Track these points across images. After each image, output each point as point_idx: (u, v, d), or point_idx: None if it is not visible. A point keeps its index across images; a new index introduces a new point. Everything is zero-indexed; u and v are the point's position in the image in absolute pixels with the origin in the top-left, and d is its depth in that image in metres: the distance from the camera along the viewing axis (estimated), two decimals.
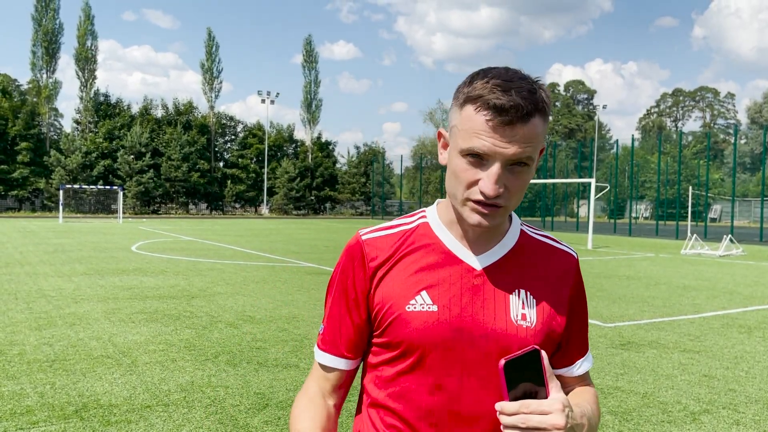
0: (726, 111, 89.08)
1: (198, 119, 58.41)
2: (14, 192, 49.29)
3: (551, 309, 1.17)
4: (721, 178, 60.67)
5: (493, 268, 1.15)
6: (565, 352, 1.23)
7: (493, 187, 1.04)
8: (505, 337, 1.11)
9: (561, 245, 1.26)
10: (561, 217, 58.36)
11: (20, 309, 8.10)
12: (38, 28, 51.90)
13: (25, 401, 4.55)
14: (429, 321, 1.11)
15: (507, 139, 1.02)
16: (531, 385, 0.96)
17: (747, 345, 6.87)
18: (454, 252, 1.16)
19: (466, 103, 1.06)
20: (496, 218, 1.08)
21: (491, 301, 1.13)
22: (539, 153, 1.14)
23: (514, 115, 1.01)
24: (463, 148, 1.06)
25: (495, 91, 1.01)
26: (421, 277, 1.14)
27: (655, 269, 14.91)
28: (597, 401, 1.23)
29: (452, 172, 1.10)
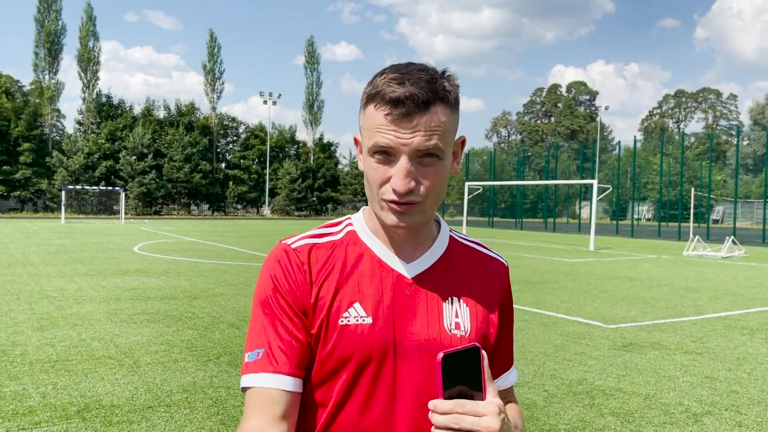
0: (728, 112, 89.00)
1: (200, 120, 58.47)
2: (17, 193, 49.36)
3: (484, 317, 1.15)
4: (724, 180, 60.60)
5: (425, 276, 1.12)
6: (491, 364, 1.16)
7: (403, 182, 1.01)
8: (439, 347, 1.06)
9: (491, 253, 1.23)
10: (563, 218, 58.32)
11: (22, 309, 8.11)
12: (41, 29, 52.01)
13: (28, 401, 4.55)
14: (363, 334, 1.06)
15: (408, 130, 1.00)
16: (467, 389, 0.92)
17: (749, 347, 6.85)
18: (384, 261, 1.12)
19: (367, 103, 1.05)
20: (414, 217, 1.05)
21: (424, 310, 1.10)
22: (460, 146, 1.12)
23: (411, 105, 0.99)
24: (369, 147, 1.04)
25: (391, 85, 1.01)
26: (352, 289, 1.09)
27: (657, 271, 14.89)
28: (522, 418, 1.21)
29: (366, 176, 1.07)
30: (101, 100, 55.17)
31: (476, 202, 58.48)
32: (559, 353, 6.36)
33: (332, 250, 1.13)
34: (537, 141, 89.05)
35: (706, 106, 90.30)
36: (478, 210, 62.12)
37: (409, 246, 1.13)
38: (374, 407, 1.07)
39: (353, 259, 1.12)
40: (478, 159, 73.05)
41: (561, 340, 6.99)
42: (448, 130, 1.04)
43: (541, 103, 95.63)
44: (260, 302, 1.10)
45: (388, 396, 1.07)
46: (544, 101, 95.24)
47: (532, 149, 77.27)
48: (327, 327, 1.07)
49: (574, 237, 31.75)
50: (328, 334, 1.07)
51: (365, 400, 1.07)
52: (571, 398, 4.92)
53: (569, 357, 6.21)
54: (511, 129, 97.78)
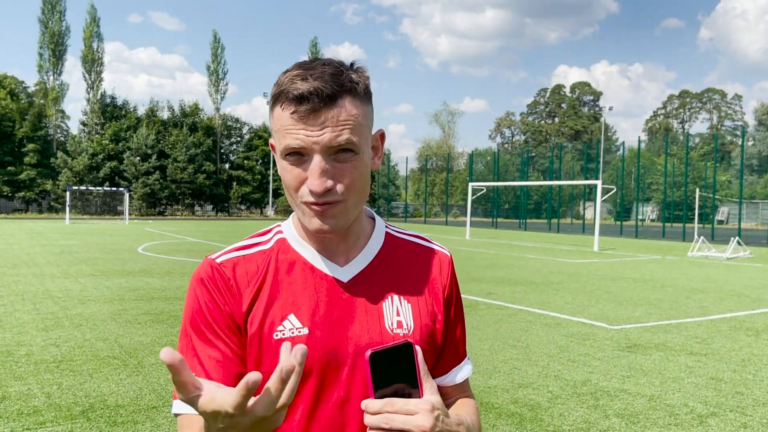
0: (733, 113, 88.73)
1: (204, 121, 58.58)
2: (21, 193, 49.53)
3: (428, 312, 1.10)
4: (729, 180, 60.41)
5: (361, 277, 1.07)
6: (440, 358, 1.14)
7: (318, 181, 0.96)
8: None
9: (432, 244, 1.19)
10: (567, 219, 58.24)
11: (27, 310, 8.13)
12: (45, 31, 52.20)
13: (32, 402, 4.57)
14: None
15: (317, 127, 0.95)
16: (405, 386, 0.88)
17: (755, 348, 6.83)
18: (317, 267, 1.07)
19: (274, 104, 1.01)
20: (337, 218, 1.00)
21: (363, 313, 1.05)
22: (380, 140, 1.08)
23: (316, 100, 0.95)
24: (281, 150, 0.99)
25: (294, 82, 0.96)
26: (286, 300, 1.04)
27: (661, 271, 14.85)
28: (478, 414, 1.15)
29: (282, 180, 1.02)
30: (105, 101, 55.34)
31: (480, 203, 58.45)
32: (563, 354, 6.35)
33: (261, 260, 1.08)
34: (541, 141, 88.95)
35: (711, 106, 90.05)
36: (481, 211, 62.08)
37: (342, 248, 1.08)
38: (321, 418, 1.02)
39: (285, 268, 1.07)
40: (482, 159, 73.02)
41: (565, 341, 6.97)
42: (360, 123, 0.99)
43: (545, 104, 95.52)
44: (186, 324, 1.05)
45: (334, 406, 1.02)
46: (547, 102, 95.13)
47: (535, 150, 77.19)
48: (261, 343, 1.02)
49: (578, 238, 31.69)
50: (263, 350, 1.02)
51: (310, 413, 1.02)
52: (576, 399, 4.91)
53: (573, 358, 6.20)
54: (514, 129, 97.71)
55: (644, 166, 53.61)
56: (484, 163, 72.29)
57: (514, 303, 9.54)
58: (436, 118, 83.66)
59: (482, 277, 12.63)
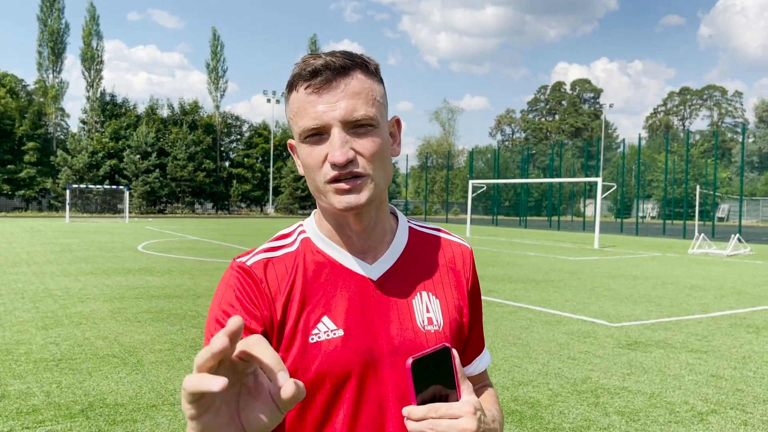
0: (734, 109, 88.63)
1: (203, 119, 58.54)
2: (21, 192, 49.52)
3: (455, 306, 1.11)
4: (729, 177, 60.37)
5: (390, 274, 1.07)
6: (464, 349, 1.16)
7: (340, 151, 0.94)
8: (416, 347, 1.03)
9: (453, 237, 1.19)
10: (567, 216, 58.23)
11: (27, 308, 8.13)
12: (44, 29, 52.13)
13: (32, 400, 4.56)
14: (338, 348, 1.00)
15: (332, 99, 0.96)
16: (441, 388, 0.90)
17: (755, 345, 6.82)
18: (345, 265, 1.05)
19: (289, 92, 1.01)
20: (363, 191, 0.97)
21: (395, 311, 1.05)
22: (396, 126, 1.08)
23: (330, 73, 0.96)
24: (300, 134, 0.99)
25: (307, 62, 0.99)
26: (318, 302, 1.02)
27: (662, 269, 14.84)
28: (498, 402, 1.17)
29: (304, 166, 1.01)
30: (105, 99, 55.29)
31: (480, 201, 58.44)
32: (563, 352, 6.34)
33: (289, 262, 1.05)
34: (541, 139, 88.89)
35: (711, 103, 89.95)
36: (482, 208, 62.06)
37: (369, 245, 1.07)
38: (362, 420, 1.02)
39: (313, 270, 1.05)
40: (482, 157, 72.96)
41: (565, 338, 6.96)
42: (375, 98, 0.99)
43: (545, 101, 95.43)
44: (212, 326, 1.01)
45: (374, 406, 1.02)
46: (548, 99, 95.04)
47: (536, 147, 77.11)
48: (297, 347, 1.01)
49: (579, 235, 31.68)
50: (299, 354, 1.01)
51: (351, 415, 1.02)
52: (576, 397, 4.90)
53: (574, 355, 6.19)
54: (515, 127, 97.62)
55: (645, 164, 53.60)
56: (485, 160, 72.26)
57: (515, 300, 9.53)
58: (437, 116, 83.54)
59: (482, 274, 12.61)
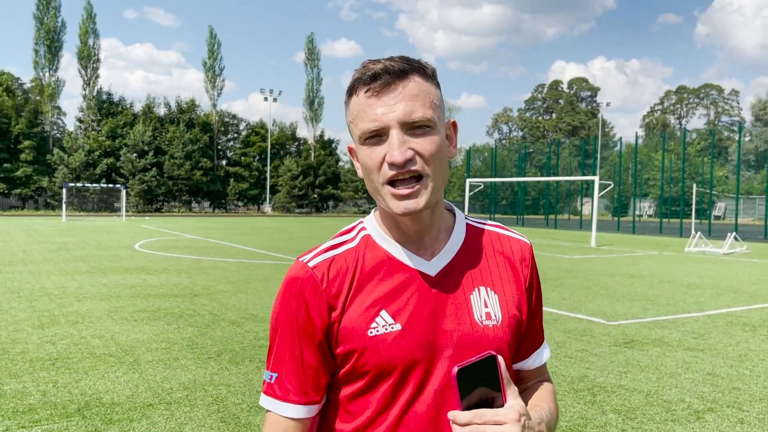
0: (730, 108, 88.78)
1: (200, 117, 58.43)
2: (17, 190, 49.38)
3: (513, 301, 1.12)
4: (726, 176, 60.50)
5: (448, 270, 1.09)
6: (521, 343, 1.17)
7: (399, 151, 0.98)
8: (474, 342, 1.05)
9: (512, 233, 1.21)
10: (564, 215, 58.30)
11: (23, 307, 8.11)
12: (40, 27, 51.95)
13: (28, 399, 4.55)
14: (395, 342, 1.03)
15: (391, 101, 1.00)
16: (487, 390, 0.91)
17: (751, 343, 6.84)
18: (404, 261, 1.08)
19: (349, 97, 1.05)
20: (421, 196, 1.01)
21: (452, 306, 1.07)
22: (452, 129, 1.11)
23: (389, 76, 1.00)
24: (359, 136, 1.02)
25: (366, 67, 1.03)
26: (377, 297, 1.06)
27: (658, 267, 14.87)
28: (554, 398, 1.18)
29: (363, 168, 1.05)
30: (102, 98, 55.15)
31: (477, 199, 58.47)
32: (560, 350, 6.35)
33: (351, 258, 1.09)
34: (538, 137, 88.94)
35: (708, 102, 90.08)
36: (479, 207, 62.09)
37: (427, 242, 1.10)
38: (418, 412, 1.05)
39: (373, 265, 1.08)
40: (480, 155, 72.95)
41: (562, 336, 6.97)
42: (432, 100, 1.03)
43: (543, 100, 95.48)
44: (277, 326, 1.10)
45: (431, 399, 1.04)
46: (545, 97, 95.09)
47: (533, 146, 77.14)
48: (356, 340, 1.05)
49: (576, 233, 31.72)
50: (358, 347, 1.04)
51: (407, 406, 1.05)
52: (573, 395, 4.91)
53: (571, 354, 6.20)
54: (512, 125, 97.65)
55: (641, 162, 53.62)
56: (482, 159, 72.27)
57: None
58: None
59: None
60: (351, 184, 63.28)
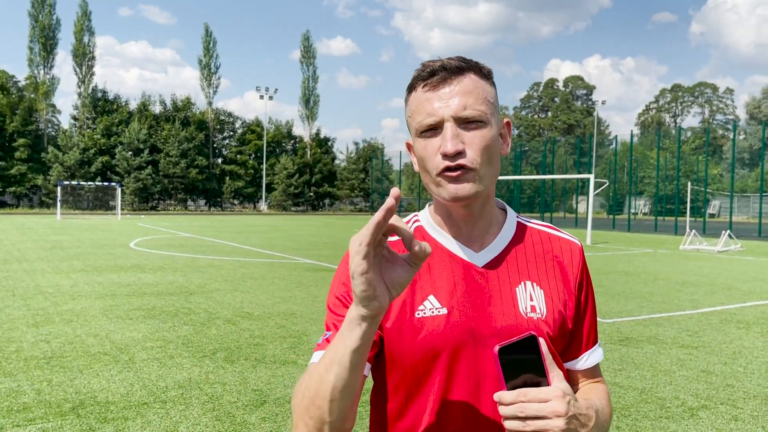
0: (725, 107, 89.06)
1: (196, 115, 58.30)
2: (12, 189, 49.21)
3: (559, 298, 1.14)
4: (720, 174, 60.71)
5: (495, 262, 1.13)
6: (570, 343, 1.19)
7: (451, 142, 1.03)
8: (518, 332, 1.07)
9: (563, 234, 1.23)
10: (560, 213, 58.40)
11: (17, 306, 8.08)
12: (35, 24, 51.75)
13: (22, 398, 4.53)
14: (441, 325, 1.07)
15: (447, 96, 1.05)
16: (532, 376, 0.93)
17: (745, 340, 6.87)
18: (453, 252, 1.13)
19: (409, 93, 1.11)
20: (469, 184, 1.05)
21: (498, 297, 1.10)
22: (507, 128, 1.16)
23: (446, 72, 1.06)
24: (416, 129, 1.08)
25: (426, 65, 1.09)
26: (426, 282, 1.11)
27: (653, 265, 14.92)
28: (608, 398, 1.18)
29: (419, 159, 1.10)
30: (97, 96, 54.97)
31: None
32: None
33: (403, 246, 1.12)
34: (534, 136, 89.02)
35: (703, 100, 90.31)
36: None
37: (477, 234, 1.14)
38: (456, 396, 1.08)
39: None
40: None
41: None
42: (487, 98, 1.08)
43: (538, 98, 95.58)
44: (332, 295, 1.14)
45: (470, 385, 1.08)
46: (541, 96, 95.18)
47: (529, 144, 77.25)
48: (404, 320, 1.09)
49: (571, 231, 31.67)
50: (405, 327, 1.08)
51: (445, 389, 1.08)
52: None
53: None
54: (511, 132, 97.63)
55: (637, 160, 53.79)
56: None
57: None
58: None
59: None
60: (347, 182, 63.25)
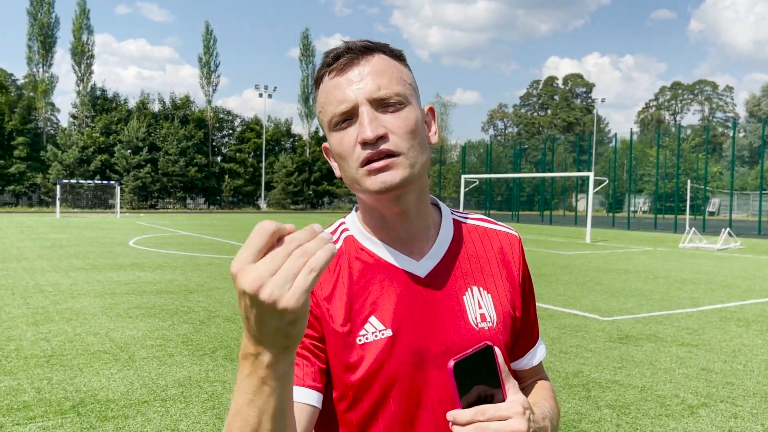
0: (725, 104, 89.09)
1: (195, 113, 58.25)
2: (11, 187, 49.17)
3: (508, 300, 1.06)
4: (720, 172, 60.72)
5: (438, 270, 1.02)
6: (516, 342, 1.10)
7: (370, 126, 0.91)
8: (470, 345, 0.97)
9: (500, 226, 1.13)
10: (559, 211, 58.43)
11: (17, 304, 8.07)
12: (33, 23, 51.70)
13: (22, 397, 4.53)
14: (386, 349, 0.96)
15: (357, 78, 0.94)
16: (485, 388, 0.85)
17: (745, 338, 6.87)
18: (391, 262, 1.01)
19: (316, 86, 1.00)
20: (398, 171, 0.92)
21: (445, 309, 1.00)
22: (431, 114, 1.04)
23: (352, 54, 0.95)
24: (329, 122, 0.96)
25: (328, 51, 0.98)
26: (364, 301, 0.99)
27: (653, 263, 14.92)
28: (554, 396, 1.13)
29: (336, 156, 0.98)
30: (95, 94, 54.92)
31: (473, 195, 58.50)
32: (555, 346, 6.36)
33: (333, 263, 1.02)
34: (533, 133, 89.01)
35: (703, 98, 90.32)
36: (474, 203, 62.16)
37: (414, 239, 1.03)
38: (413, 421, 0.98)
39: (358, 268, 1.02)
40: (475, 151, 72.96)
41: (557, 332, 6.99)
42: (402, 77, 0.96)
43: (538, 96, 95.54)
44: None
45: (425, 409, 0.98)
46: (540, 93, 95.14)
47: (528, 142, 77.23)
48: (345, 348, 0.98)
49: (571, 229, 31.79)
50: (348, 355, 0.98)
51: (401, 416, 0.98)
52: (568, 391, 4.92)
53: (565, 349, 6.22)
54: (507, 121, 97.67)
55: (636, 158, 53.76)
56: (477, 155, 72.32)
57: None
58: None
59: None
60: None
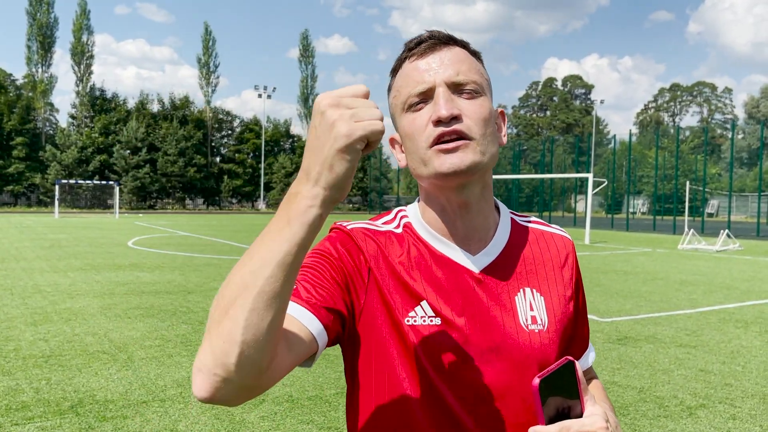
0: (723, 106, 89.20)
1: (194, 114, 58.25)
2: (10, 187, 49.13)
3: (560, 304, 1.06)
4: (719, 173, 60.79)
5: (493, 268, 1.02)
6: (569, 347, 1.11)
7: (445, 106, 0.92)
8: (518, 348, 0.98)
9: (554, 229, 1.14)
10: (558, 212, 58.46)
11: (16, 304, 8.07)
12: (33, 23, 51.70)
13: (21, 397, 4.53)
14: (433, 335, 0.95)
15: (437, 62, 0.96)
16: (563, 400, 0.85)
17: (743, 340, 6.88)
18: (447, 255, 1.01)
19: (394, 72, 1.02)
20: (467, 154, 0.93)
21: (496, 307, 0.99)
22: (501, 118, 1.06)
23: (435, 41, 0.98)
24: (404, 102, 0.97)
25: (412, 39, 1.01)
26: (417, 286, 0.98)
27: (652, 264, 14.93)
28: (606, 394, 1.14)
29: (406, 137, 0.98)
30: (95, 94, 54.91)
31: None
32: None
33: (392, 241, 1.02)
34: (532, 135, 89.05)
35: (701, 99, 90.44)
36: None
37: (472, 232, 1.03)
38: (445, 412, 0.97)
39: (415, 255, 1.01)
40: None
41: None
42: (480, 70, 0.99)
43: (537, 97, 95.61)
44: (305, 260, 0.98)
45: (462, 401, 0.96)
46: (539, 95, 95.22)
47: (527, 143, 77.26)
48: (390, 325, 0.97)
49: (570, 231, 31.81)
50: (393, 332, 0.96)
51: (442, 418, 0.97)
52: None
53: None
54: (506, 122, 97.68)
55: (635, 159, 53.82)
56: None
57: None
58: None
59: None
60: None
